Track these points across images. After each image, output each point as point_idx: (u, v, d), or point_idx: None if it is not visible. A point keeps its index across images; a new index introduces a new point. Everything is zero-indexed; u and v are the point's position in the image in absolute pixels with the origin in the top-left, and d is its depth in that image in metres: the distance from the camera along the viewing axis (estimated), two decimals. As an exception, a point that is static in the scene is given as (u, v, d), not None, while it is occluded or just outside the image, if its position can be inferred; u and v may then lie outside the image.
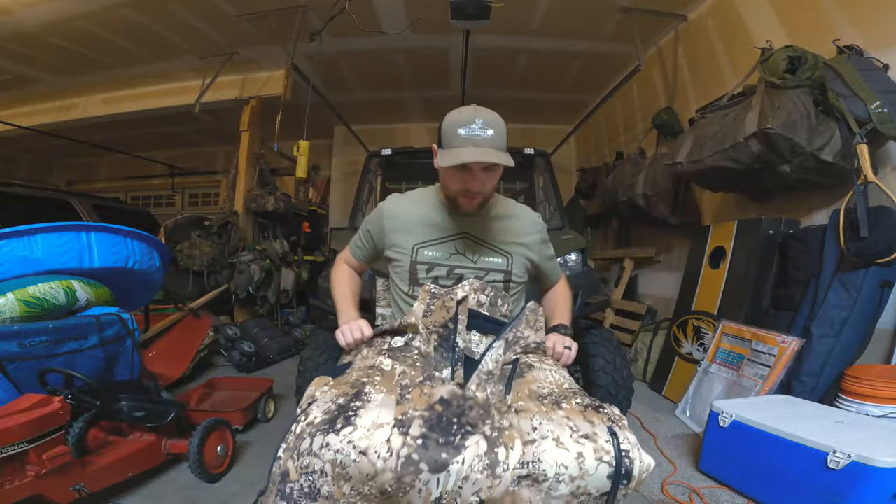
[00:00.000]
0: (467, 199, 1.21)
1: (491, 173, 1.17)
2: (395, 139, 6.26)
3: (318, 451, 0.76)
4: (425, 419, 0.79)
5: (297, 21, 3.66)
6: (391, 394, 0.87)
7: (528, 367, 1.07)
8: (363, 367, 1.03)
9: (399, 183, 3.92)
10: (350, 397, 0.85)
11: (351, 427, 0.77)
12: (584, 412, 0.85)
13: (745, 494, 1.73)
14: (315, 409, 0.83)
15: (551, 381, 1.00)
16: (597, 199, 4.79)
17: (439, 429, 0.77)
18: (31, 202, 3.79)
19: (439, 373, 1.06)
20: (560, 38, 4.16)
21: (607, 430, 0.80)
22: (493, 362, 1.09)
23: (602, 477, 0.77)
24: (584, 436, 0.79)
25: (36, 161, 7.75)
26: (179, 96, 4.99)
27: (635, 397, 2.45)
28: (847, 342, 2.06)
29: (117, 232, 2.06)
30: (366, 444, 0.75)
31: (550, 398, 0.91)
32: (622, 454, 0.78)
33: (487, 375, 1.04)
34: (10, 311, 1.67)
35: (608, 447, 0.78)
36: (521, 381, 0.99)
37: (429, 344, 1.12)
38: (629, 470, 0.77)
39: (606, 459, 0.77)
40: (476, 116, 1.11)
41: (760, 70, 2.37)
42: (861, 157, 2.00)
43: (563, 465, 0.75)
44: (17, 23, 3.79)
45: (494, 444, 0.76)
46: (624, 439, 0.80)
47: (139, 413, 1.72)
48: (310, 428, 0.79)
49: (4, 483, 1.30)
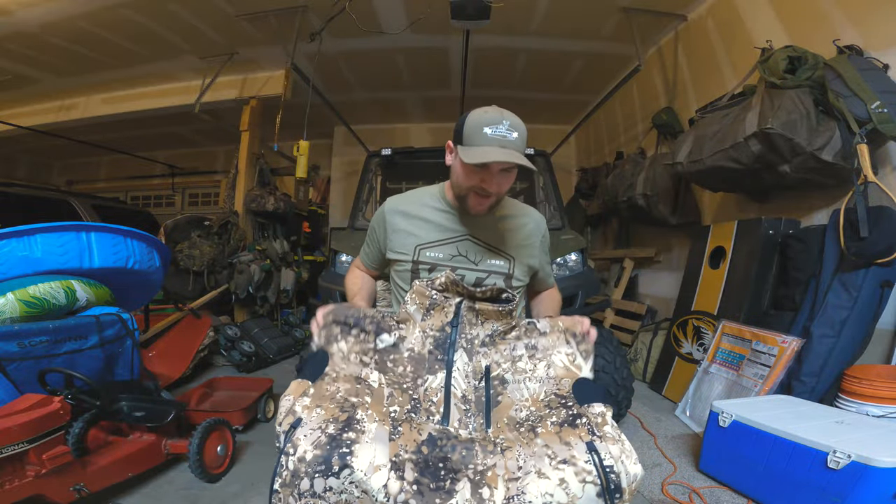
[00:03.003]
0: (479, 200, 1.18)
1: (507, 176, 1.15)
2: (395, 139, 6.26)
3: (322, 494, 0.77)
4: (415, 462, 0.81)
5: (297, 21, 3.66)
6: (384, 424, 0.86)
7: (501, 383, 1.02)
8: (348, 378, 0.97)
9: (399, 183, 3.92)
10: (341, 426, 0.83)
11: (349, 469, 0.77)
12: (560, 433, 0.85)
13: (745, 494, 1.73)
14: (303, 441, 0.80)
15: (526, 398, 1.00)
16: (597, 199, 4.79)
17: (429, 473, 0.80)
18: (31, 202, 3.79)
19: (432, 375, 1.02)
20: (560, 38, 4.16)
21: (585, 449, 0.80)
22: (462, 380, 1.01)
23: (592, 497, 0.76)
24: (562, 461, 0.79)
25: (36, 161, 7.75)
26: (179, 96, 4.99)
27: (635, 397, 2.46)
28: (847, 342, 2.06)
29: (117, 232, 2.06)
30: (366, 486, 0.77)
31: (528, 423, 0.92)
32: (606, 470, 0.77)
33: (465, 404, 0.98)
34: (10, 311, 1.67)
35: (589, 467, 0.77)
36: (498, 410, 0.98)
37: (423, 346, 1.06)
38: (617, 484, 0.77)
39: (590, 479, 0.76)
40: (503, 118, 1.09)
41: (760, 70, 2.37)
42: (861, 157, 2.00)
43: (549, 494, 0.75)
44: (17, 23, 3.79)
45: (478, 486, 0.78)
46: (605, 454, 0.79)
47: (139, 413, 1.72)
48: (304, 466, 0.78)
49: (4, 483, 1.30)
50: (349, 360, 1.02)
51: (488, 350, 1.06)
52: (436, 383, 1.01)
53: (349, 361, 1.02)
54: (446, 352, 1.04)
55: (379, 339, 1.06)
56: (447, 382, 1.00)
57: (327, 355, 1.02)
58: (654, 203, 3.58)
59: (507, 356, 1.05)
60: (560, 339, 1.06)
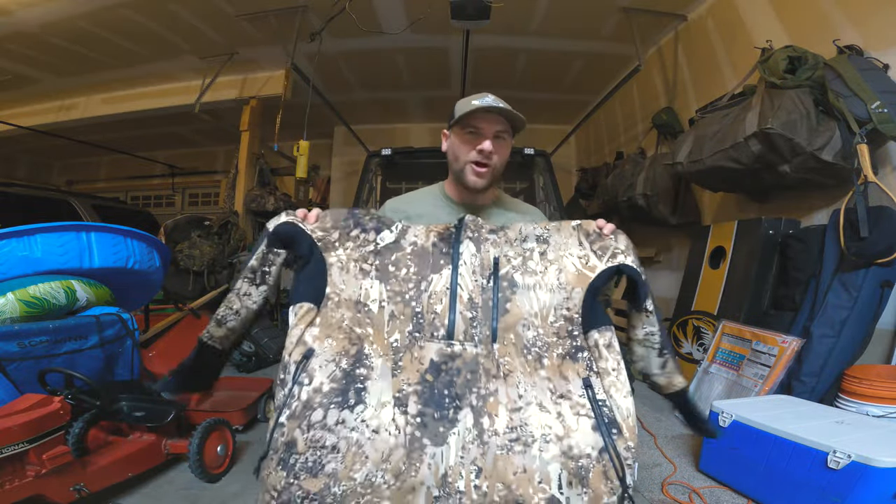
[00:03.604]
0: (477, 171, 1.15)
1: (502, 144, 1.16)
2: (395, 139, 6.25)
3: (333, 427, 0.76)
4: (419, 394, 0.80)
5: (297, 21, 3.67)
6: (387, 359, 0.85)
7: (510, 285, 0.93)
8: (349, 304, 0.91)
9: (399, 183, 3.92)
10: (353, 360, 0.83)
11: (363, 405, 0.78)
12: (562, 366, 0.86)
13: (745, 494, 1.73)
14: (318, 372, 0.80)
15: (535, 312, 0.91)
16: (597, 199, 4.79)
17: (433, 403, 0.80)
18: (31, 202, 3.79)
19: (437, 274, 0.93)
20: (560, 38, 4.16)
21: (581, 384, 0.82)
22: (469, 278, 0.92)
23: (587, 430, 0.77)
24: (560, 396, 0.81)
25: (36, 161, 7.75)
26: (179, 96, 4.99)
27: (635, 397, 2.45)
28: (847, 342, 2.06)
29: (117, 232, 2.06)
30: (377, 423, 0.77)
31: (535, 350, 0.88)
32: (598, 404, 0.79)
33: (471, 310, 0.90)
34: (10, 311, 1.67)
35: (583, 401, 0.80)
36: (506, 320, 0.91)
37: (428, 238, 0.97)
38: (611, 418, 0.78)
39: (584, 412, 0.78)
40: (488, 94, 1.13)
41: (760, 70, 2.37)
42: (861, 157, 2.00)
43: (548, 426, 0.77)
44: (17, 23, 3.79)
45: (479, 414, 0.79)
46: (599, 389, 0.81)
47: (139, 413, 1.72)
48: (318, 397, 0.78)
49: (4, 483, 1.30)
50: (348, 270, 0.94)
51: (497, 238, 0.97)
52: (440, 284, 0.92)
53: (348, 273, 0.93)
54: (452, 244, 0.96)
55: (380, 238, 0.97)
56: (453, 281, 0.92)
57: (324, 269, 0.94)
58: (654, 203, 3.58)
59: (518, 249, 0.96)
60: (572, 237, 0.98)
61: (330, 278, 0.93)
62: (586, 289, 0.92)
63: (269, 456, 0.77)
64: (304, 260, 0.95)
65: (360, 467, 0.74)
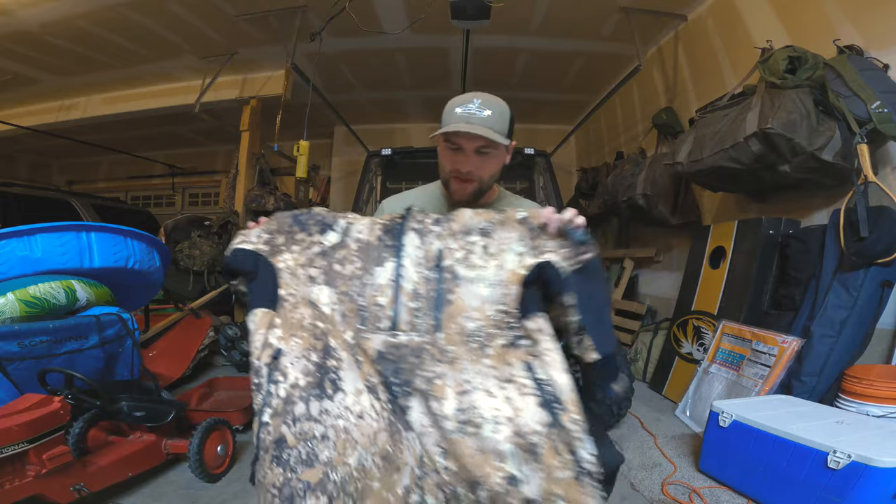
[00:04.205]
0: (459, 184, 1.15)
1: (486, 158, 1.11)
2: (395, 139, 6.25)
3: (318, 417, 0.78)
4: (381, 384, 0.85)
5: (297, 21, 3.66)
6: (350, 353, 0.87)
7: (453, 277, 0.94)
8: (306, 303, 0.92)
9: (399, 183, 3.92)
10: (322, 353, 0.84)
11: (342, 393, 0.80)
12: (505, 354, 0.88)
13: (745, 494, 1.73)
14: (291, 368, 0.81)
15: (476, 307, 0.93)
16: (597, 199, 4.78)
17: (390, 392, 0.84)
18: (31, 202, 3.79)
19: (381, 267, 0.95)
20: (560, 38, 4.16)
21: (523, 367, 0.85)
22: (413, 269, 0.95)
23: (533, 407, 0.80)
24: (506, 381, 0.84)
25: (36, 161, 7.75)
26: (179, 96, 4.99)
27: (635, 397, 2.46)
28: (847, 342, 2.06)
29: (117, 232, 2.06)
30: (359, 408, 0.79)
31: (478, 338, 0.90)
32: (539, 382, 0.83)
33: (415, 301, 0.92)
34: (10, 311, 1.67)
35: (527, 381, 0.83)
36: (449, 312, 0.92)
37: (372, 232, 0.99)
38: (554, 395, 0.81)
39: (528, 392, 0.82)
40: (475, 97, 1.07)
41: (760, 70, 2.37)
42: (861, 157, 2.00)
43: (497, 409, 0.81)
44: (17, 23, 3.79)
45: (428, 399, 0.83)
46: (540, 369, 0.84)
47: (139, 413, 1.72)
48: (297, 391, 0.79)
49: (4, 483, 1.30)
50: (297, 276, 0.94)
51: (441, 230, 0.98)
52: (384, 277, 0.94)
53: (298, 278, 0.94)
54: (396, 236, 0.97)
55: (324, 238, 0.98)
56: (397, 273, 0.94)
57: (273, 273, 0.94)
58: (654, 203, 3.58)
59: (462, 242, 0.97)
60: (515, 231, 0.97)
61: (282, 280, 0.93)
62: (521, 284, 0.93)
63: (261, 457, 0.77)
64: (253, 274, 0.95)
65: (352, 452, 0.76)
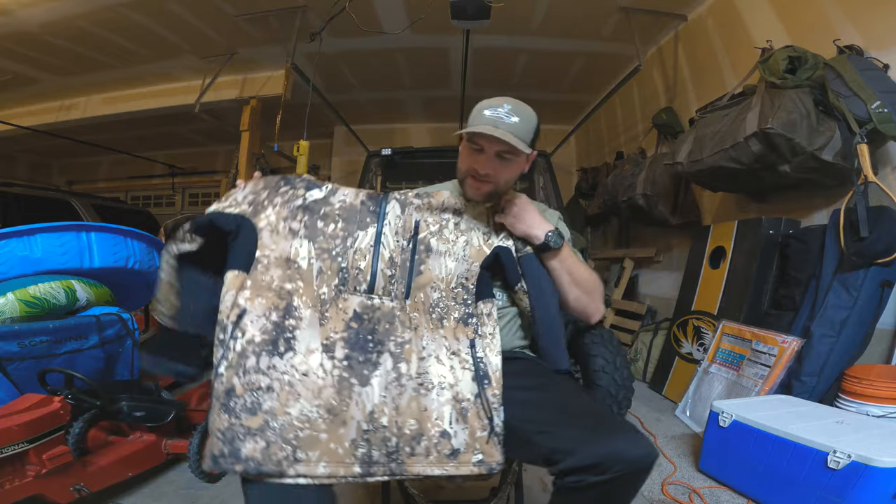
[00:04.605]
0: (475, 183, 1.14)
1: (506, 163, 1.10)
2: (395, 139, 6.25)
3: (265, 370, 0.86)
4: (345, 340, 0.92)
5: (297, 21, 3.66)
6: (315, 310, 0.95)
7: (426, 249, 1.03)
8: (279, 262, 0.97)
9: (399, 183, 3.92)
10: (282, 313, 0.92)
11: (292, 352, 0.88)
12: (456, 329, 1.00)
13: (745, 494, 1.73)
14: (250, 326, 0.89)
15: (442, 277, 1.03)
16: (597, 199, 4.79)
17: (358, 347, 0.92)
18: (31, 202, 3.79)
19: (363, 231, 1.02)
20: (560, 38, 4.16)
21: (468, 344, 0.98)
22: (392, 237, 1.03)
23: (468, 381, 0.93)
24: (453, 352, 0.97)
25: (36, 161, 7.75)
26: (179, 96, 4.99)
27: (635, 397, 2.45)
28: (847, 342, 2.06)
29: (117, 232, 2.06)
30: (305, 367, 0.88)
31: (437, 311, 1.01)
32: (477, 360, 0.96)
33: (391, 269, 1.01)
34: (10, 311, 1.67)
35: (467, 357, 0.96)
36: (419, 280, 1.03)
37: (357, 197, 1.04)
38: (485, 371, 0.95)
39: (467, 367, 0.95)
40: (506, 102, 1.10)
41: (760, 70, 2.37)
42: (861, 157, 2.00)
43: (443, 376, 0.93)
44: (17, 23, 3.79)
45: (398, 360, 0.93)
46: (480, 349, 0.97)
47: (139, 413, 1.72)
48: (251, 346, 0.87)
49: (4, 483, 1.30)
50: (278, 231, 0.99)
51: (421, 203, 1.06)
52: (365, 241, 1.02)
53: (278, 234, 0.99)
54: (379, 203, 1.04)
55: (308, 194, 1.03)
56: (377, 239, 1.02)
57: (254, 236, 0.98)
58: (654, 203, 3.58)
59: (437, 217, 1.06)
60: (483, 215, 1.10)
61: (260, 241, 0.98)
62: (481, 264, 1.05)
63: (213, 405, 0.86)
64: (235, 233, 1.00)
65: (294, 403, 0.84)
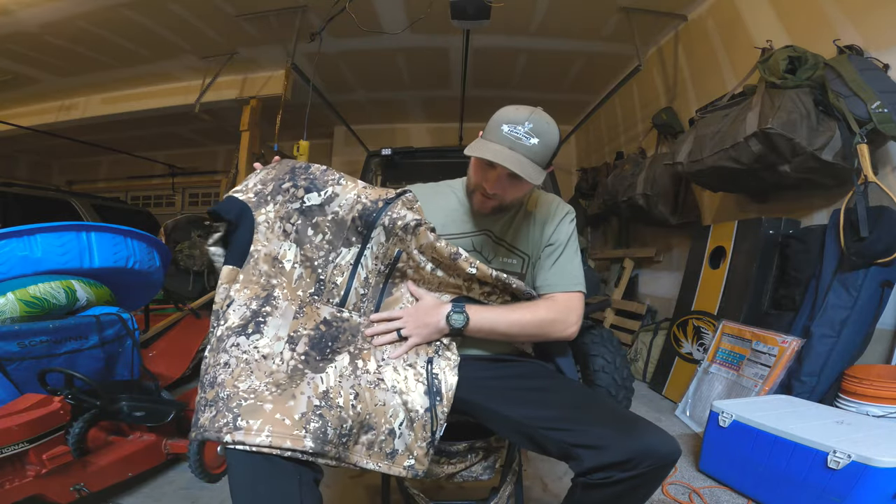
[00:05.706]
0: (482, 200, 1.14)
1: (517, 184, 1.07)
2: (395, 139, 6.25)
3: (229, 349, 0.92)
4: (310, 338, 0.98)
5: (297, 21, 3.66)
6: (293, 303, 1.01)
7: (401, 276, 1.13)
8: (267, 259, 1.04)
9: (399, 183, 3.92)
10: (261, 301, 0.98)
11: (259, 335, 0.94)
12: (417, 347, 1.08)
13: (745, 494, 1.73)
14: (232, 314, 0.96)
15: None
16: (597, 199, 4.79)
17: (318, 348, 0.98)
18: (31, 202, 3.79)
19: (346, 249, 1.08)
20: (560, 38, 4.15)
21: (426, 359, 1.05)
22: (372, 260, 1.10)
23: (421, 393, 0.99)
24: (409, 364, 1.04)
25: (36, 161, 7.74)
26: (179, 96, 4.99)
27: (635, 397, 2.45)
28: (847, 342, 2.06)
29: (117, 232, 2.06)
30: (267, 351, 0.93)
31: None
32: (432, 376, 1.01)
33: (364, 288, 1.11)
34: (10, 311, 1.67)
35: (422, 371, 1.03)
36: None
37: (351, 211, 1.06)
38: (438, 388, 1.00)
39: (421, 380, 1.01)
40: (528, 120, 1.02)
41: (760, 70, 2.37)
42: (861, 157, 2.00)
43: (396, 381, 1.00)
44: (17, 23, 3.79)
45: (356, 358, 1.00)
46: (437, 367, 1.03)
47: (139, 413, 1.72)
48: (228, 331, 0.94)
49: (4, 483, 1.30)
50: (273, 229, 1.06)
51: (406, 238, 1.07)
52: (346, 259, 1.09)
53: (272, 232, 1.06)
54: (368, 226, 1.07)
55: (307, 197, 1.07)
56: (357, 259, 1.09)
57: (251, 230, 1.04)
58: (654, 203, 3.58)
59: (418, 258, 1.09)
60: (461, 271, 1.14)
61: (256, 236, 1.05)
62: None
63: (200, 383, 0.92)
64: (234, 225, 1.06)
65: (244, 379, 0.89)
